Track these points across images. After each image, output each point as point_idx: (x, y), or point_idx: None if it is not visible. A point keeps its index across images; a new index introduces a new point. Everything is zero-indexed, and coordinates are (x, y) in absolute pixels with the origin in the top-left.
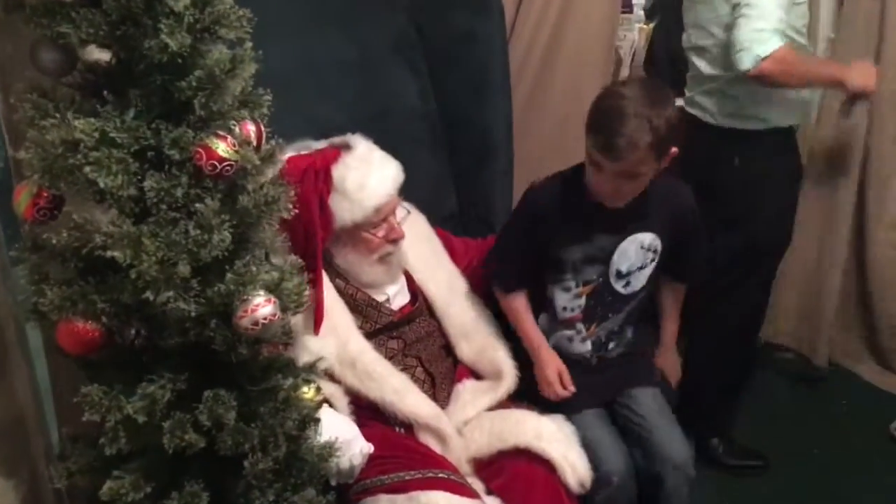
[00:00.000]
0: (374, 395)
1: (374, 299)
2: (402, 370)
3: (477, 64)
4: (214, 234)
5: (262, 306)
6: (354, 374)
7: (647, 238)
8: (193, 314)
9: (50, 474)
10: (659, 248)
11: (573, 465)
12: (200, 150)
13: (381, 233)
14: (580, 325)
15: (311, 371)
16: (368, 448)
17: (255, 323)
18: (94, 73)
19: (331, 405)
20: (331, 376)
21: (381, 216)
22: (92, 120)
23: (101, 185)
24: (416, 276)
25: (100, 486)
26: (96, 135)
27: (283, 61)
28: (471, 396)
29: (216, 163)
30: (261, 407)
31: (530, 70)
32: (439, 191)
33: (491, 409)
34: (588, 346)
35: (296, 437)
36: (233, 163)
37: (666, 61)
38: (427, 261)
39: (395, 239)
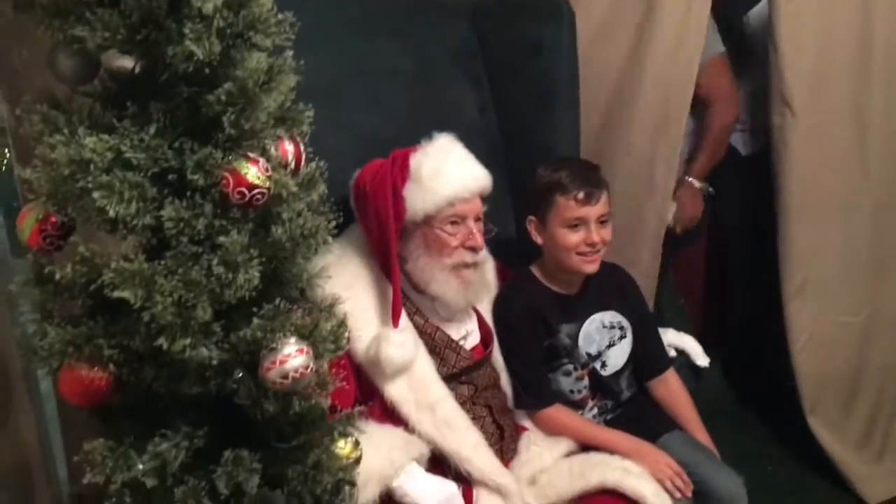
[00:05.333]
0: (451, 446)
1: (452, 339)
2: (472, 419)
3: (542, 75)
4: (240, 273)
5: (293, 357)
6: (433, 420)
7: (607, 316)
8: (215, 362)
9: None
10: (625, 323)
11: None
12: (227, 174)
13: (457, 235)
14: (591, 403)
15: (348, 422)
16: None
17: (285, 376)
18: (117, 81)
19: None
20: (405, 423)
21: (457, 213)
22: (106, 137)
23: (112, 213)
24: (487, 319)
25: None
26: (109, 154)
27: (329, 71)
28: (546, 444)
29: (245, 190)
30: (289, 468)
31: None
32: (495, 213)
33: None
34: (595, 411)
35: (327, 503)
36: (264, 190)
37: None
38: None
39: (472, 246)
